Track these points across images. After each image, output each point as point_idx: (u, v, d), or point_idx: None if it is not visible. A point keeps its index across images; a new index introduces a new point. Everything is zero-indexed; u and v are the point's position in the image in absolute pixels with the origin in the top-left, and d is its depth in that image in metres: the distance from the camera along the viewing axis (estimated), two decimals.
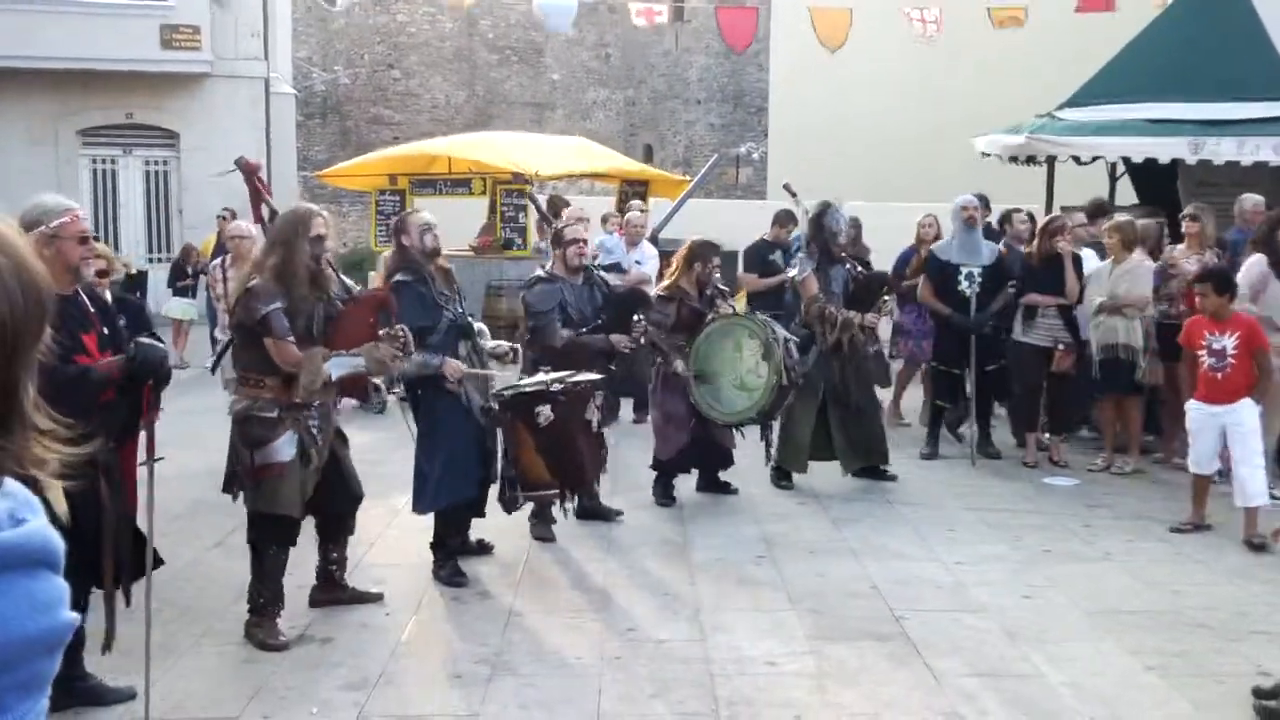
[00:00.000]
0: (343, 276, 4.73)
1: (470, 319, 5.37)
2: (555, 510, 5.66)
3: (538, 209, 12.41)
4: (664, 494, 6.58)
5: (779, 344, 6.22)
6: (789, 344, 6.33)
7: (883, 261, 8.55)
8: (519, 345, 5.62)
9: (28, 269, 0.95)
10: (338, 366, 4.44)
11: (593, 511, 6.15)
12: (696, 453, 6.55)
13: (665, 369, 6.41)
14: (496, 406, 5.21)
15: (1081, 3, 12.57)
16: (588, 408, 5.29)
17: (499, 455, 5.30)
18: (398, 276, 5.12)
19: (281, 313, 4.33)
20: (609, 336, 5.99)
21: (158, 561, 4.02)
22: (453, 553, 5.26)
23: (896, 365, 8.76)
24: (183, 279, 12.45)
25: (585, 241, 6.20)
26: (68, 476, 3.39)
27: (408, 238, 5.20)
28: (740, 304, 7.74)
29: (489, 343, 5.44)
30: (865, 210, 9.16)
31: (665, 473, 6.59)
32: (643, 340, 6.21)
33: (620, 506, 6.32)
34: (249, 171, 7.65)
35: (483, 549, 5.59)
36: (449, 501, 5.20)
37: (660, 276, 8.65)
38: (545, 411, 5.08)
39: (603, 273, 6.67)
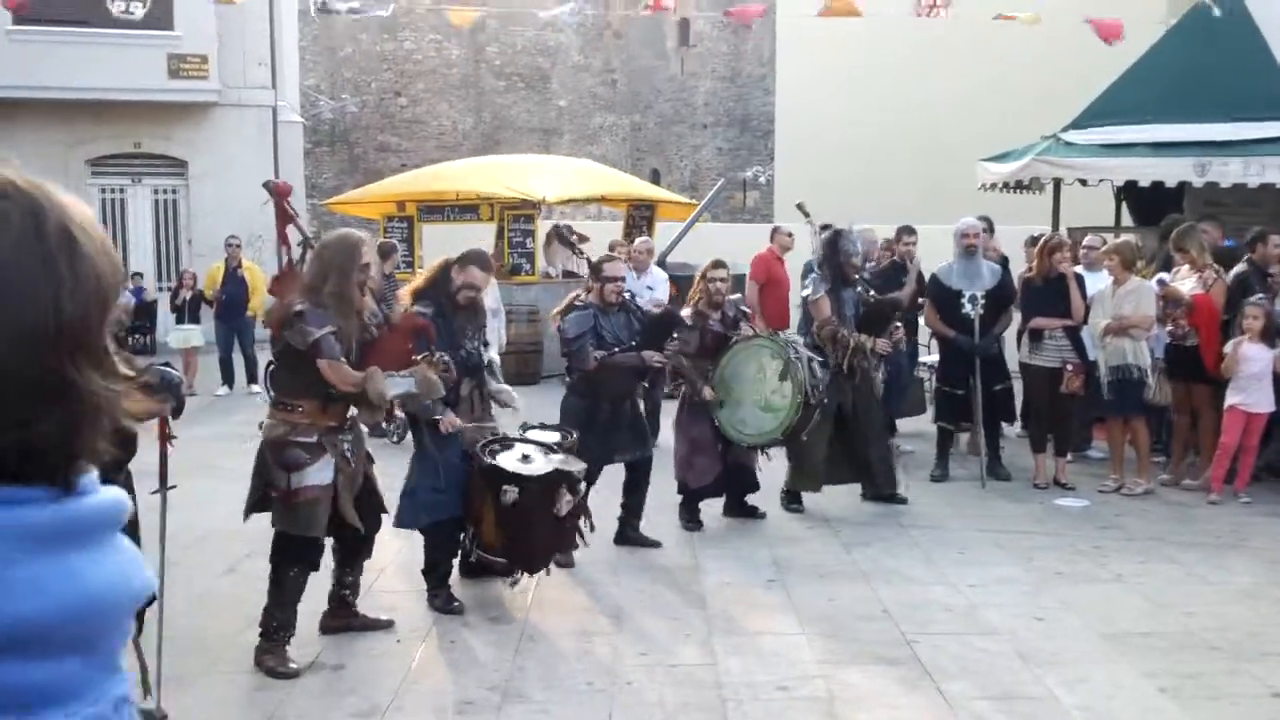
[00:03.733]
0: (376, 303, 4.75)
1: (484, 353, 5.36)
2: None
3: (568, 244, 12.50)
4: (690, 518, 6.56)
5: (802, 363, 6.24)
6: (812, 363, 6.34)
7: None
8: (515, 395, 5.53)
9: (108, 245, 1.01)
10: (394, 386, 4.48)
11: (633, 540, 6.15)
12: (723, 478, 6.55)
13: (691, 396, 6.42)
14: (473, 460, 5.10)
15: (1100, 29, 12.59)
16: (556, 494, 5.11)
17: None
18: (417, 307, 5.10)
19: (333, 336, 4.35)
20: (640, 354, 5.99)
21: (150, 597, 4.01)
22: (445, 577, 5.24)
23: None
24: (178, 305, 12.52)
25: (623, 279, 6.24)
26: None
27: (461, 275, 5.16)
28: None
29: (495, 385, 5.39)
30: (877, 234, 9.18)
31: (691, 498, 6.58)
32: (670, 359, 6.21)
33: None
34: (280, 195, 7.72)
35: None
36: (431, 519, 5.15)
37: (670, 300, 8.73)
38: (511, 492, 4.96)
39: (639, 301, 6.68)
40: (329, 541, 4.65)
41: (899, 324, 6.99)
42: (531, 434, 5.46)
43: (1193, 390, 7.51)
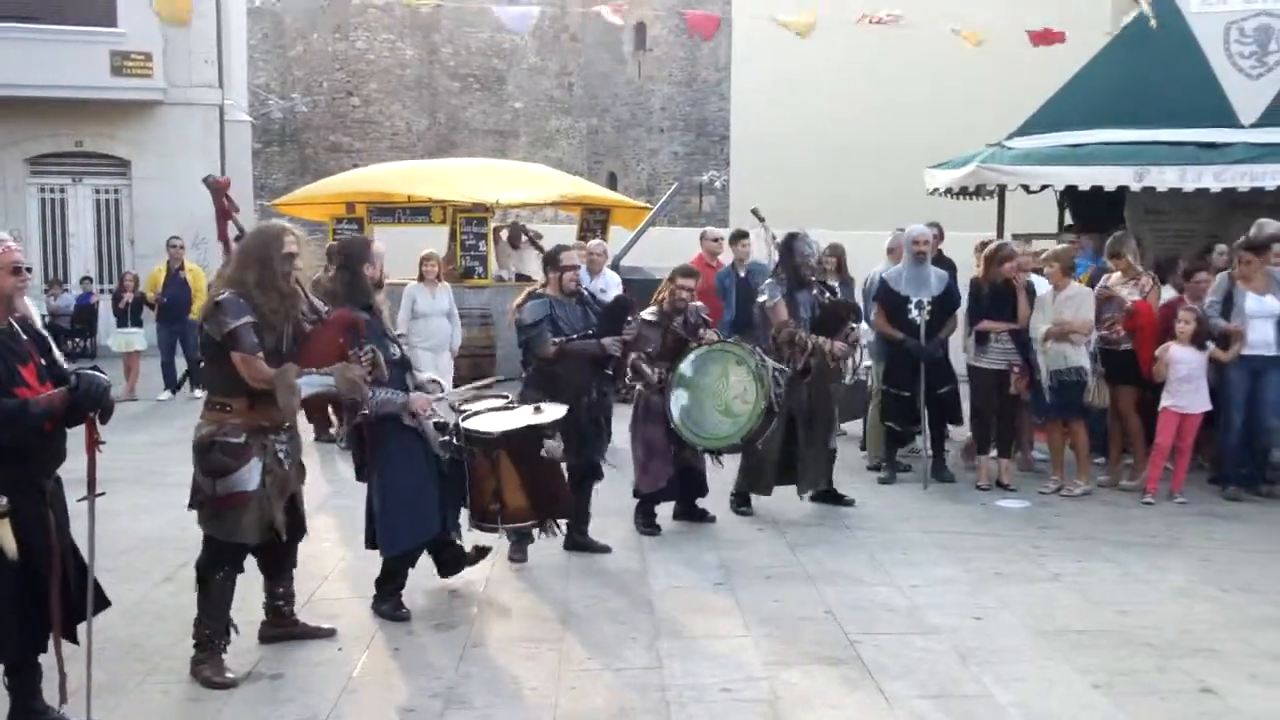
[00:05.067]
0: (311, 296, 4.65)
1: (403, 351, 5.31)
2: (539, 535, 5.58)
3: (533, 243, 12.49)
4: (647, 523, 6.57)
5: (768, 371, 6.28)
6: (776, 373, 6.37)
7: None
8: (439, 380, 5.52)
9: None
10: (308, 385, 4.33)
11: (582, 545, 6.14)
12: (675, 481, 6.56)
13: (647, 397, 6.43)
14: (459, 442, 5.10)
15: (1034, 37, 12.83)
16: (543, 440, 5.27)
17: (466, 485, 5.19)
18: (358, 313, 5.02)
19: (251, 328, 4.25)
20: (600, 340, 5.99)
21: (105, 602, 3.95)
22: (400, 588, 5.18)
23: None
24: (120, 309, 12.26)
25: (579, 268, 6.28)
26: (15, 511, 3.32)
27: (371, 268, 5.04)
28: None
29: (421, 377, 5.35)
30: (825, 238, 9.26)
31: (647, 501, 6.59)
32: (629, 345, 6.21)
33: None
34: (218, 190, 7.63)
35: (480, 554, 5.54)
36: (414, 542, 5.10)
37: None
38: (551, 445, 5.14)
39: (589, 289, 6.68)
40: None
41: (854, 325, 7.03)
42: (476, 406, 5.47)
43: (1122, 393, 7.65)
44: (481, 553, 5.55)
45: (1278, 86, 9.50)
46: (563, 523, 5.52)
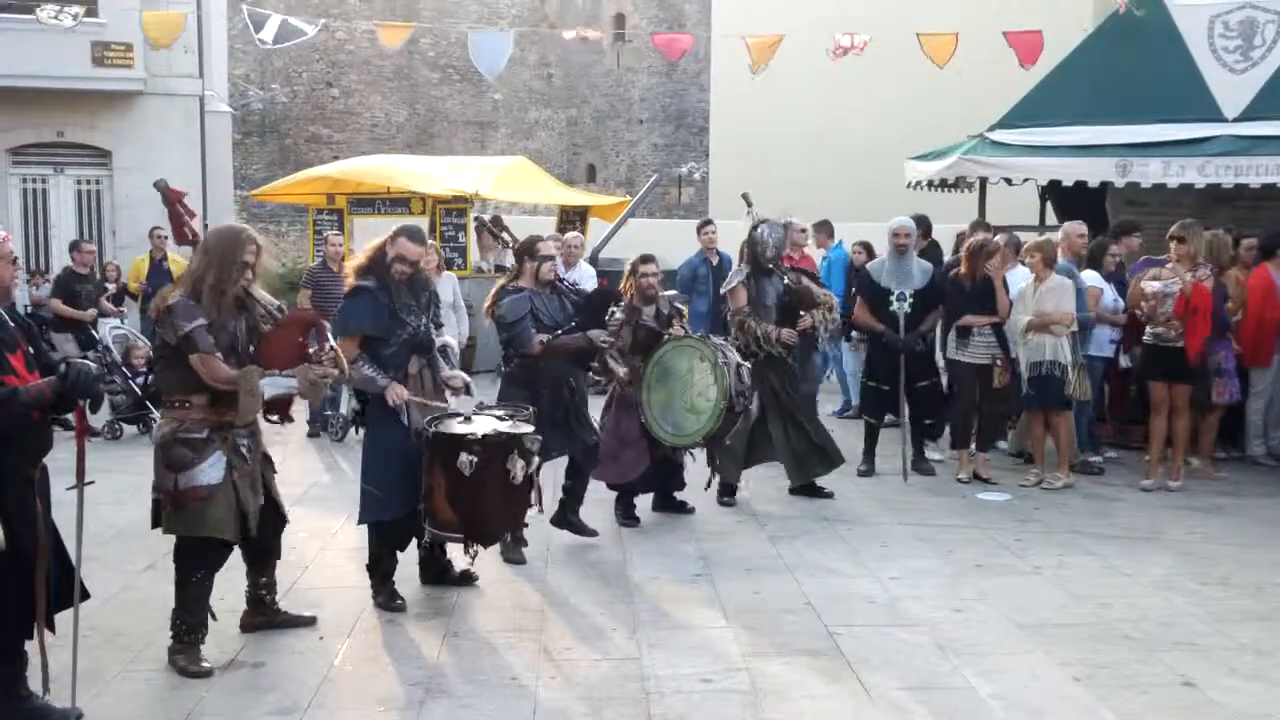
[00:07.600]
0: (267, 296, 4.61)
1: (436, 333, 5.27)
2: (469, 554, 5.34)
3: (494, 235, 12.40)
4: (626, 514, 6.57)
5: (730, 369, 6.21)
6: (740, 369, 6.29)
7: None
8: (470, 381, 5.47)
9: None
10: (271, 386, 4.38)
11: (571, 525, 6.15)
12: (652, 473, 6.54)
13: (619, 390, 6.40)
14: (421, 437, 5.06)
15: (1021, 52, 12.81)
16: (509, 459, 4.91)
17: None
18: (359, 282, 5.05)
19: (205, 329, 4.25)
20: (586, 334, 5.94)
21: (83, 594, 3.94)
22: (388, 574, 5.18)
23: None
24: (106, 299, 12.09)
25: (555, 258, 6.19)
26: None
27: (392, 248, 5.07)
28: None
29: (447, 372, 5.31)
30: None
31: (625, 493, 6.58)
32: (615, 338, 6.14)
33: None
34: (171, 199, 7.52)
35: (466, 580, 5.45)
36: (378, 517, 5.10)
37: None
38: (465, 459, 4.83)
39: (569, 282, 6.63)
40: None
41: (805, 315, 6.98)
42: (485, 413, 5.35)
43: (1178, 391, 7.40)
44: (468, 578, 5.46)
45: (1262, 80, 9.54)
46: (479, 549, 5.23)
